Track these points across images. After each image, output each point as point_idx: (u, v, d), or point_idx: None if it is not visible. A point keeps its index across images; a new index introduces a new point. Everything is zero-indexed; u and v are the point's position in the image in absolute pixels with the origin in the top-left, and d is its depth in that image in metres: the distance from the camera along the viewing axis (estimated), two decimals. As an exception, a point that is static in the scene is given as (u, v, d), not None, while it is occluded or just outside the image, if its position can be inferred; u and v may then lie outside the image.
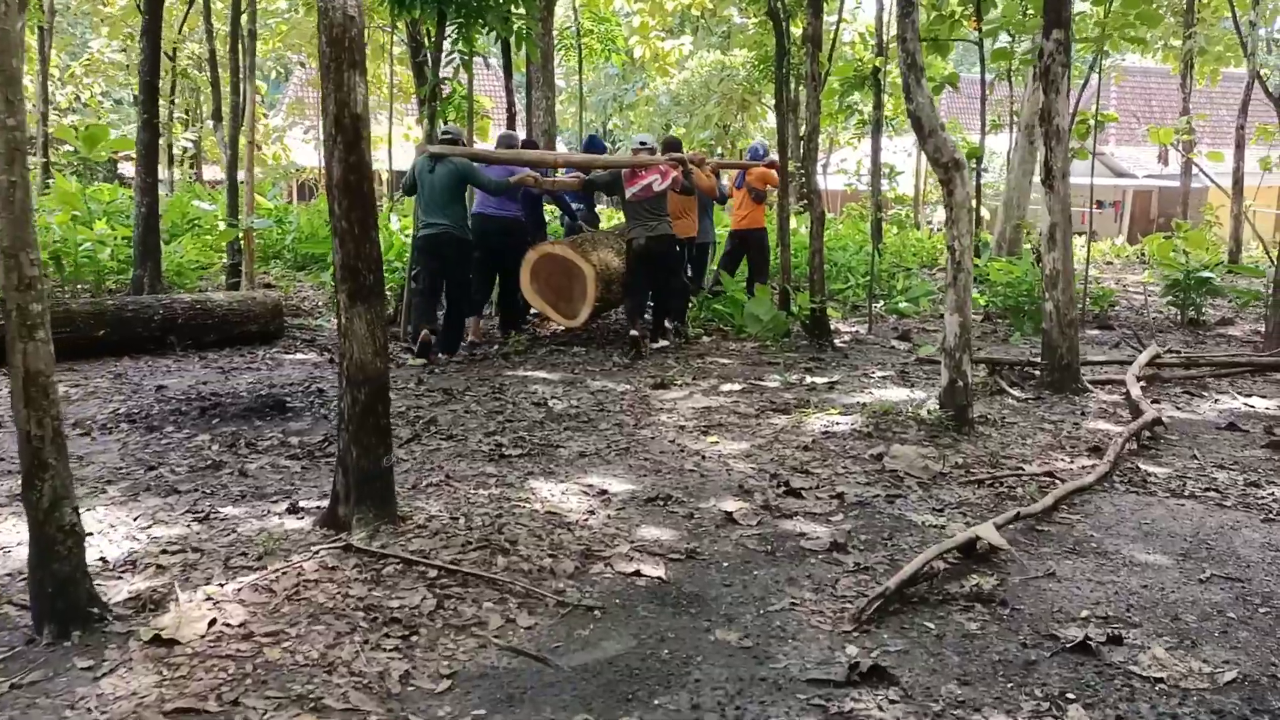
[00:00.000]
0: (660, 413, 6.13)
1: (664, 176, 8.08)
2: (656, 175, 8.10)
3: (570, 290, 8.27)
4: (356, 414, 3.76)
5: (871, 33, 20.31)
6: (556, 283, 8.30)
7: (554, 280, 8.30)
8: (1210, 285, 10.24)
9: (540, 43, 16.33)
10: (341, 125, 3.70)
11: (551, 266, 8.27)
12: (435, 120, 8.91)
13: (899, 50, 5.54)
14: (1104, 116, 12.14)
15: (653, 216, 8.17)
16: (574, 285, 8.25)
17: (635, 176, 8.16)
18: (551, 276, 8.30)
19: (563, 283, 8.29)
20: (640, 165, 8.20)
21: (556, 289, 8.31)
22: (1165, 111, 30.90)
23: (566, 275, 8.26)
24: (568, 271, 8.25)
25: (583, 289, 8.19)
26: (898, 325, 10.22)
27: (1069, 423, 6.02)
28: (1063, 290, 6.60)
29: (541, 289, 8.30)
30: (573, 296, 8.27)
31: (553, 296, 8.33)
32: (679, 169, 8.24)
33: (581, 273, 8.17)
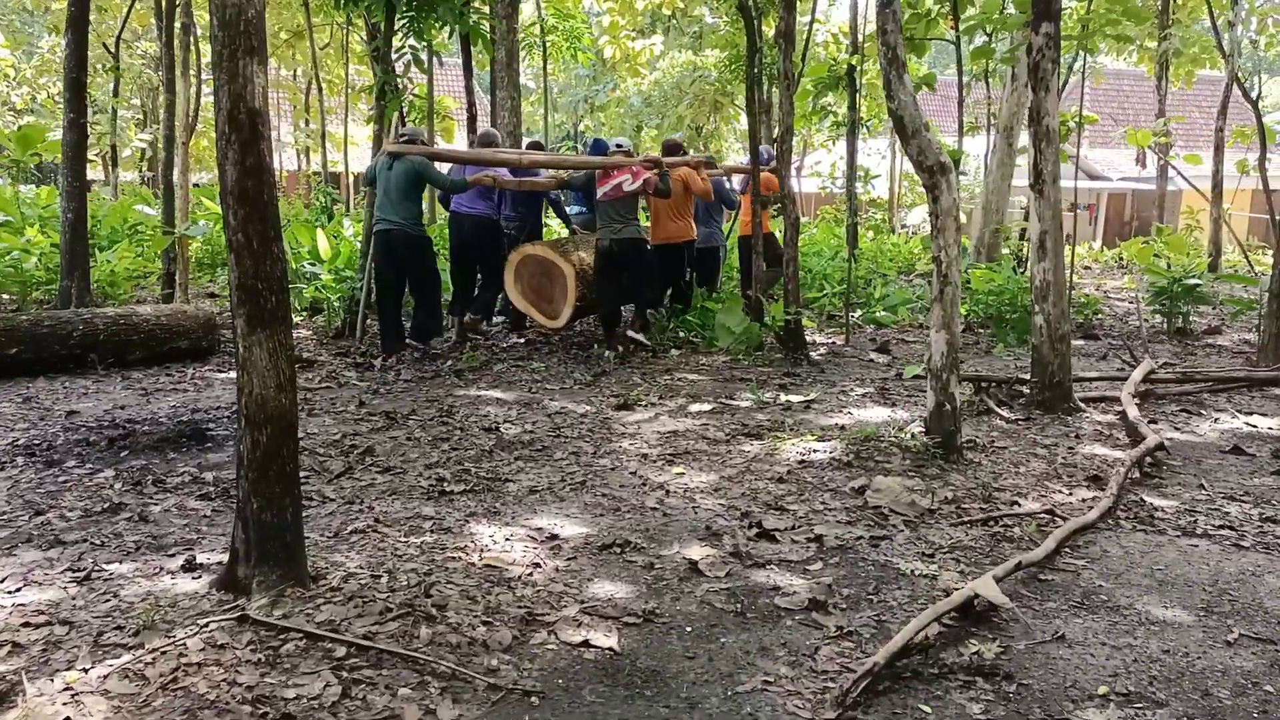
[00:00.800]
0: (622, 438, 5.62)
1: (635, 177, 7.88)
2: (627, 176, 7.91)
3: (551, 291, 8.21)
4: (257, 459, 3.22)
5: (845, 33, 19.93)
6: (538, 284, 8.24)
7: (535, 281, 8.24)
8: (1197, 293, 9.84)
9: (504, 41, 15.79)
10: (236, 122, 3.16)
11: (533, 268, 8.20)
12: (385, 119, 8.36)
13: (879, 44, 5.07)
14: (1085, 118, 11.78)
15: (619, 219, 7.98)
16: (554, 286, 8.18)
17: (606, 177, 8.00)
18: (533, 278, 8.24)
19: (544, 284, 8.22)
20: (611, 166, 8.01)
21: (538, 290, 8.25)
22: (1139, 114, 30.79)
23: (547, 276, 8.19)
24: (548, 272, 8.17)
25: (563, 289, 8.12)
26: (875, 336, 9.77)
27: (1063, 447, 5.56)
28: (1054, 303, 6.15)
29: (525, 290, 8.26)
30: (554, 297, 8.20)
31: (535, 297, 8.28)
32: (653, 170, 8.01)
33: (561, 273, 8.09)
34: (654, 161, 8.21)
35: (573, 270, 8.09)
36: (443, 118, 18.18)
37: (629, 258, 8.08)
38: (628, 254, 8.06)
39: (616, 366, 7.76)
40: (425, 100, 12.88)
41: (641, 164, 8.07)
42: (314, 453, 5.07)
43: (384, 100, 8.32)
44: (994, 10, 8.67)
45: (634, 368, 7.80)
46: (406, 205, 7.60)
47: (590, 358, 8.09)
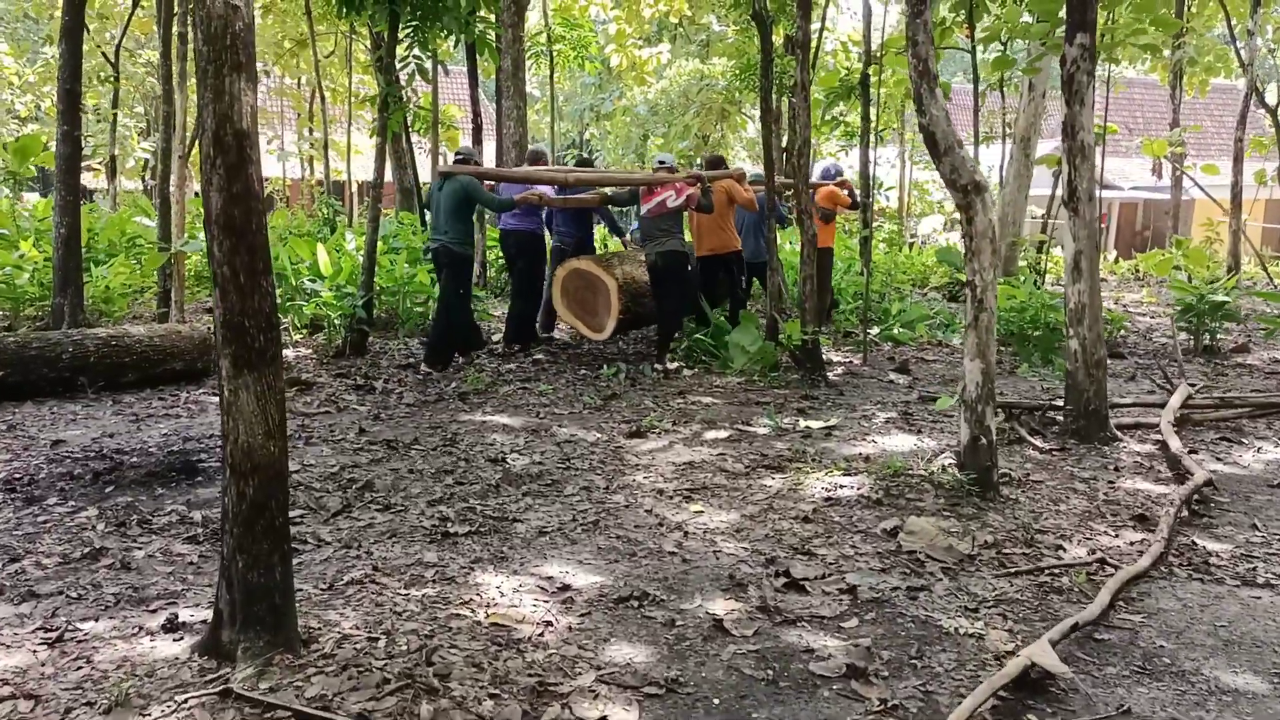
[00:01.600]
0: (636, 470, 5.33)
1: (678, 194, 8.08)
2: (671, 192, 8.13)
3: (595, 304, 8.46)
4: (243, 513, 2.94)
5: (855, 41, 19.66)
6: (583, 297, 8.51)
7: (581, 295, 8.51)
8: (1225, 310, 9.53)
9: (510, 50, 15.55)
10: (222, 144, 2.88)
11: (578, 281, 8.48)
12: (387, 131, 8.09)
13: (909, 56, 4.78)
14: (1107, 129, 11.48)
15: (663, 233, 8.18)
16: (598, 299, 8.44)
17: (650, 193, 8.22)
18: (579, 291, 8.51)
19: (588, 297, 8.49)
20: (655, 183, 8.21)
21: (583, 303, 8.53)
22: (1150, 122, 30.50)
23: (592, 290, 8.46)
24: (592, 286, 8.43)
25: (607, 302, 8.36)
26: (893, 354, 9.47)
27: (1103, 481, 5.26)
28: (1089, 326, 5.85)
29: (570, 304, 8.55)
30: (598, 310, 8.45)
31: (580, 310, 8.55)
32: (696, 186, 8.17)
33: (605, 286, 8.33)
34: (696, 177, 8.30)
35: (616, 284, 8.28)
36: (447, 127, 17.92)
37: (670, 271, 8.22)
38: (669, 268, 8.20)
39: (627, 389, 7.48)
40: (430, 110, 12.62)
41: (685, 180, 8.20)
42: (310, 488, 4.78)
43: (387, 111, 8.05)
44: (1013, 19, 8.38)
45: (645, 390, 7.51)
46: (455, 223, 7.87)
47: (600, 379, 7.80)
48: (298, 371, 7.54)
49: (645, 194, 8.23)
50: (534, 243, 8.86)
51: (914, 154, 27.75)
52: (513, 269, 8.88)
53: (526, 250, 8.79)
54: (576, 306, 8.52)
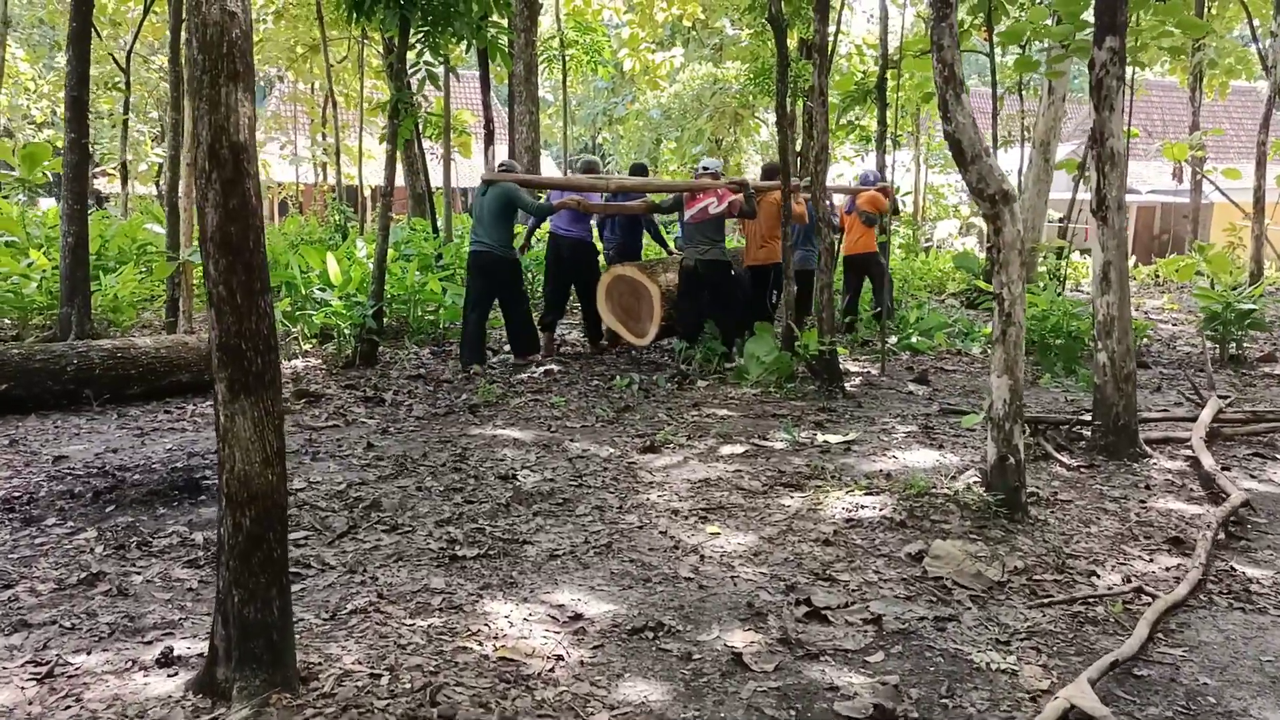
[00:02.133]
0: (650, 488, 5.17)
1: (721, 200, 8.25)
2: (713, 199, 8.31)
3: (638, 309, 8.67)
4: (239, 545, 2.80)
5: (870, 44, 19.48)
6: (626, 303, 8.74)
7: (625, 300, 8.75)
8: (1253, 319, 9.31)
9: (523, 55, 15.45)
10: (218, 158, 2.74)
11: (622, 287, 8.71)
12: (398, 138, 7.97)
13: (934, 61, 4.62)
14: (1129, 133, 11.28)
15: (705, 240, 8.37)
16: (641, 305, 8.65)
17: (693, 200, 8.40)
18: (623, 297, 8.75)
19: (631, 303, 8.71)
20: (698, 189, 8.36)
21: (627, 309, 8.75)
22: (1168, 125, 30.19)
23: (635, 295, 8.68)
24: (636, 292, 8.66)
25: (649, 308, 8.58)
26: (912, 364, 9.29)
27: (1134, 501, 5.08)
28: (1118, 340, 5.67)
29: (614, 309, 8.78)
30: (640, 315, 8.65)
31: (624, 315, 8.78)
32: (739, 193, 8.34)
33: (648, 292, 8.55)
34: (740, 184, 8.45)
35: (658, 291, 8.53)
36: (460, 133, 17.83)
37: (712, 278, 8.38)
38: (711, 275, 8.35)
39: (641, 400, 7.34)
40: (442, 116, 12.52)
41: (728, 187, 8.37)
42: (315, 507, 4.65)
43: (398, 118, 7.92)
44: (1038, 19, 8.20)
45: (659, 402, 7.36)
46: (497, 229, 8.16)
47: (613, 390, 7.66)
48: (306, 383, 7.42)
49: (689, 200, 8.42)
50: (587, 249, 9.11)
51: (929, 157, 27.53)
52: (560, 272, 9.02)
53: (580, 256, 8.99)
54: (620, 311, 8.75)
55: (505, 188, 8.14)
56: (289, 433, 6.02)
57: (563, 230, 8.89)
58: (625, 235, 9.56)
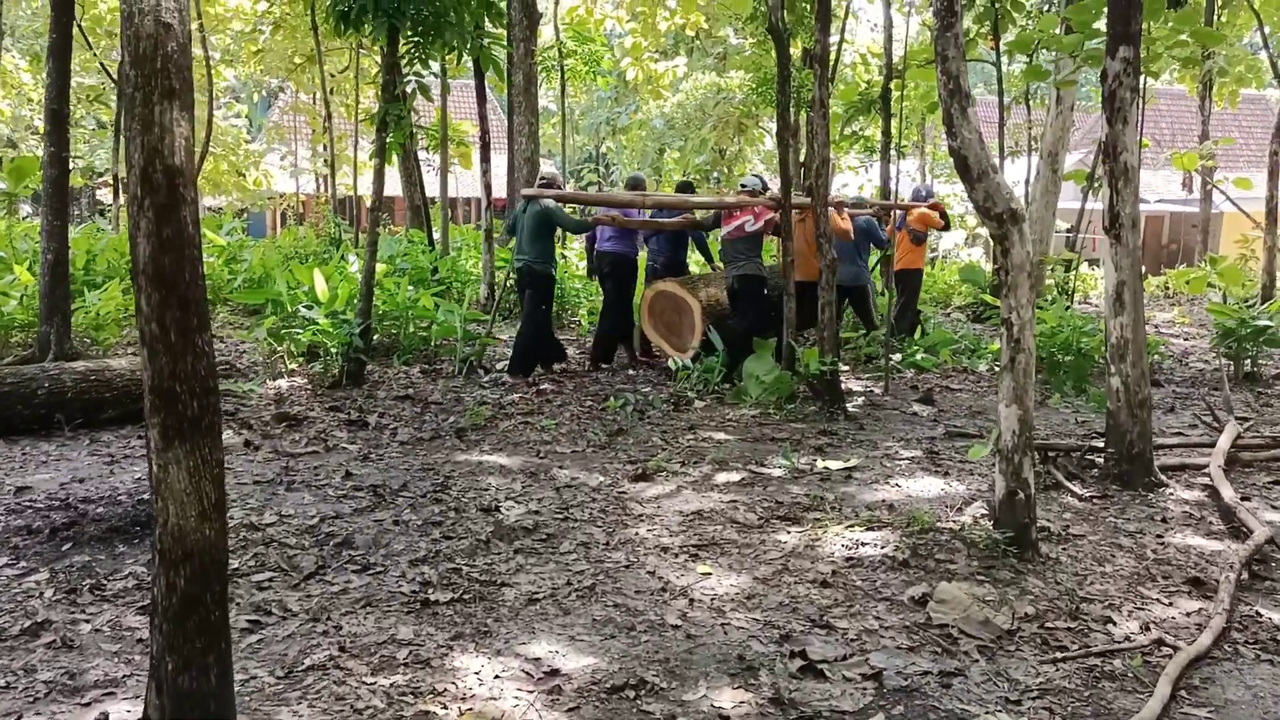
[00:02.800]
0: (639, 521, 4.92)
1: (757, 218, 8.31)
2: (749, 216, 8.41)
3: (680, 325, 8.79)
4: (174, 607, 2.55)
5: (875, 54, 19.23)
6: (669, 319, 8.86)
7: (667, 316, 8.86)
8: (1269, 336, 9.03)
9: (522, 65, 15.21)
10: (150, 182, 2.50)
11: (664, 303, 8.84)
12: (386, 151, 7.74)
13: (938, 73, 4.37)
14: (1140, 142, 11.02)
15: (742, 256, 8.45)
16: (683, 320, 8.76)
17: (730, 217, 8.53)
18: (665, 313, 8.86)
19: (674, 319, 8.83)
20: (736, 206, 8.46)
21: (669, 324, 8.86)
22: (1177, 134, 29.88)
23: (677, 311, 8.79)
24: (678, 307, 8.77)
25: (691, 323, 8.69)
26: (916, 382, 9.03)
27: (1150, 536, 4.81)
28: (1133, 364, 5.40)
29: (656, 324, 8.91)
30: (682, 331, 8.77)
31: (665, 331, 8.88)
32: (777, 211, 8.32)
33: (689, 307, 8.67)
34: (776, 202, 8.38)
35: (699, 306, 8.62)
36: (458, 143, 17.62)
37: (743, 294, 8.47)
38: (743, 290, 8.46)
39: (635, 423, 7.08)
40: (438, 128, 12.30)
41: (765, 204, 8.39)
42: (284, 544, 4.39)
43: (386, 131, 7.69)
44: (1049, 28, 7.95)
45: (654, 424, 7.11)
46: (537, 244, 8.40)
47: (606, 412, 7.41)
48: (289, 404, 7.18)
49: (727, 217, 8.55)
50: (628, 264, 9.26)
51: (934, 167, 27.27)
52: (603, 286, 9.31)
53: (620, 271, 9.17)
54: (663, 327, 8.89)
55: (545, 205, 8.36)
56: (266, 460, 5.78)
57: (607, 245, 9.15)
58: (670, 249, 9.66)
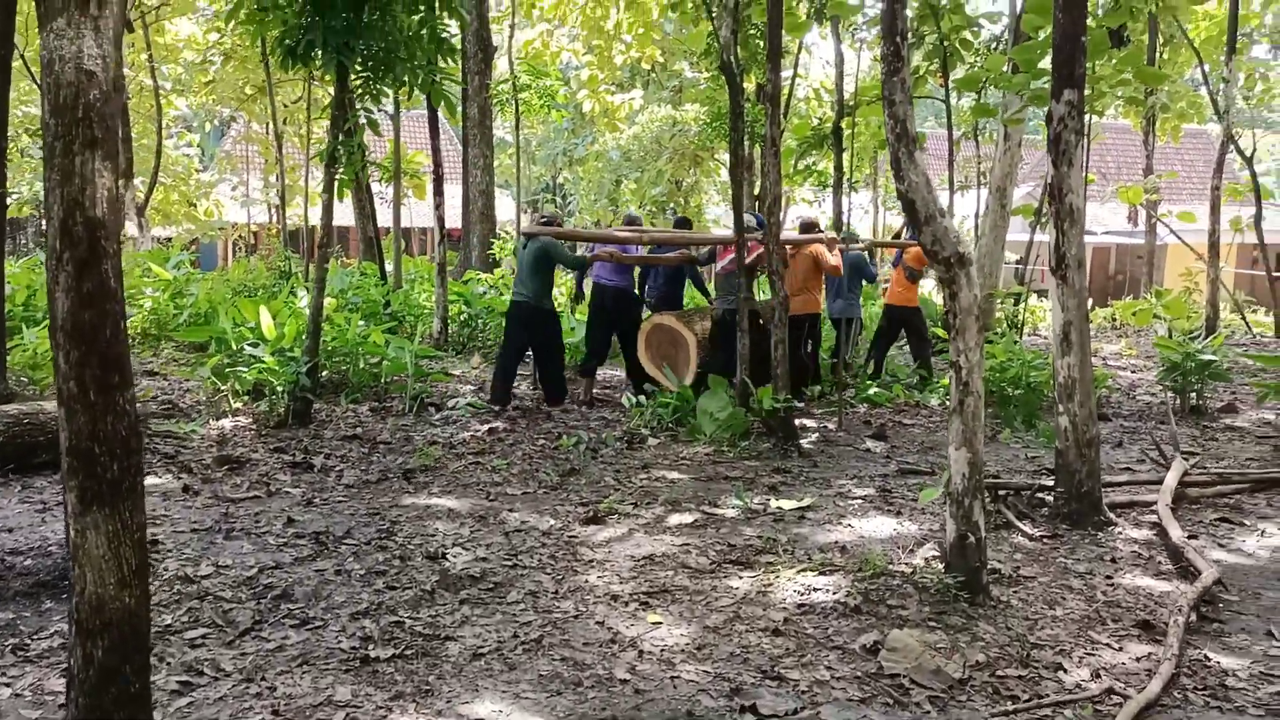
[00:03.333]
0: (590, 567, 4.83)
1: (750, 252, 8.43)
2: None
3: (676, 357, 9.05)
4: (90, 681, 2.43)
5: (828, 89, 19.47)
6: (665, 351, 9.12)
7: (664, 349, 9.13)
8: (1214, 370, 9.17)
9: (476, 98, 15.22)
10: (70, 235, 2.41)
11: (661, 336, 9.12)
12: (334, 186, 7.63)
13: (885, 116, 4.39)
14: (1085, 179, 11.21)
15: (735, 290, 8.46)
16: (679, 353, 9.03)
17: (726, 251, 8.85)
18: (661, 345, 9.13)
19: (670, 351, 9.09)
20: (729, 242, 8.58)
21: (665, 357, 9.12)
22: (1124, 168, 30.54)
23: (673, 344, 9.06)
24: (674, 340, 9.05)
25: (686, 356, 8.97)
26: (870, 417, 9.04)
27: (1100, 577, 4.81)
28: (1080, 403, 5.43)
29: (653, 356, 9.16)
30: (678, 363, 9.02)
31: (662, 363, 9.12)
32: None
33: (685, 340, 8.96)
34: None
35: (694, 339, 8.93)
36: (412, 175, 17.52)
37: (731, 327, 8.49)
38: (731, 323, 8.50)
39: (588, 462, 7.00)
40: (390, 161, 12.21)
41: (758, 240, 8.46)
42: (219, 598, 4.25)
43: (335, 167, 7.60)
44: (996, 68, 8.07)
45: (607, 463, 7.03)
46: (535, 280, 8.62)
47: (559, 451, 7.32)
48: (231, 446, 7.01)
49: (722, 252, 8.86)
50: (629, 298, 9.55)
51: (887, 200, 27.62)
52: (603, 320, 9.42)
53: (622, 305, 9.43)
54: (659, 359, 9.15)
55: (544, 242, 8.59)
56: (205, 506, 5.62)
57: (605, 280, 9.37)
58: (667, 285, 10.01)
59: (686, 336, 8.95)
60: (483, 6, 15.34)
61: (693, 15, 12.67)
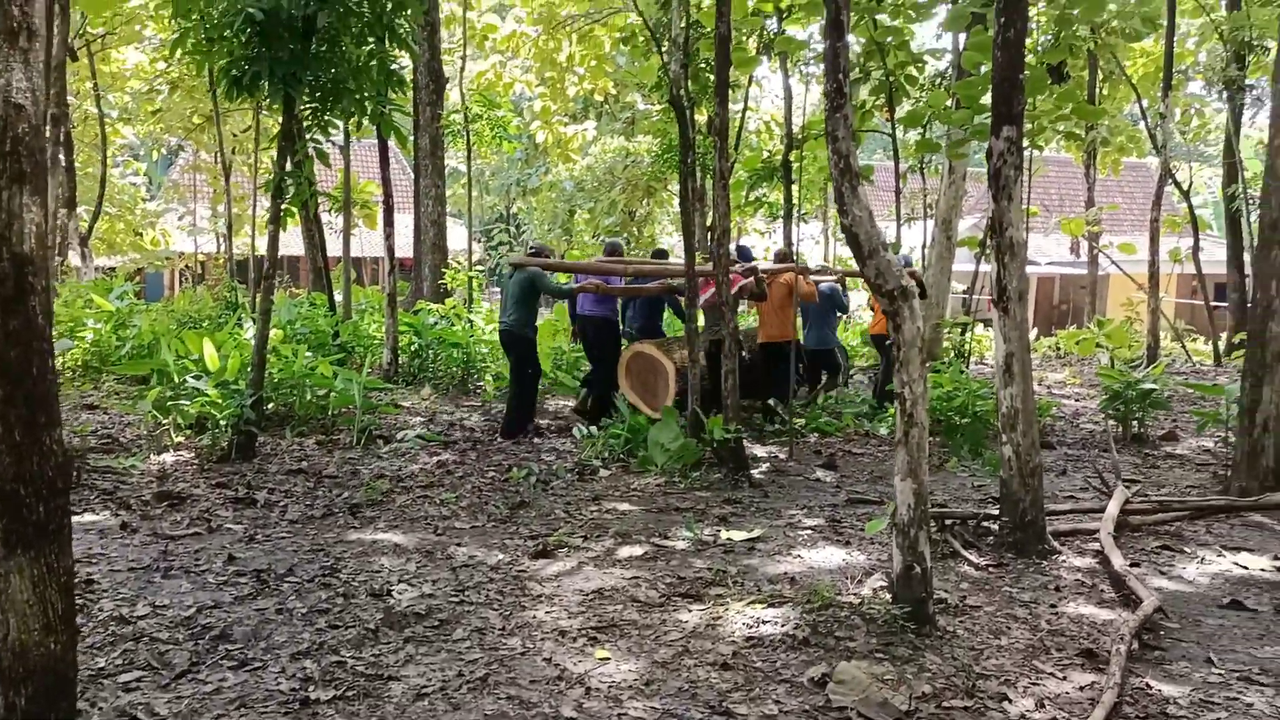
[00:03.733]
0: (538, 603, 4.78)
1: (733, 284, 8.56)
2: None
3: (655, 385, 9.25)
4: (12, 731, 2.35)
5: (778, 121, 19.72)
6: (645, 379, 9.32)
7: (644, 377, 9.33)
8: (1154, 399, 9.37)
9: (428, 129, 15.20)
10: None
11: (641, 364, 9.33)
12: (280, 218, 7.56)
13: (829, 152, 4.45)
14: (1028, 211, 11.45)
15: (718, 321, 8.72)
16: (658, 380, 9.24)
17: (708, 284, 9.01)
18: (642, 373, 9.34)
19: (650, 379, 9.30)
20: (709, 275, 8.65)
21: (645, 384, 9.31)
22: (1066, 200, 31.26)
23: (653, 372, 9.28)
24: (653, 369, 9.26)
25: (665, 383, 9.17)
26: (820, 446, 9.10)
27: (1044, 605, 4.86)
28: (1023, 433, 5.51)
29: (634, 384, 9.35)
30: (657, 390, 9.22)
31: (642, 390, 9.31)
32: (749, 277, 9.03)
33: (664, 369, 9.16)
34: (750, 270, 9.13)
35: (673, 367, 9.08)
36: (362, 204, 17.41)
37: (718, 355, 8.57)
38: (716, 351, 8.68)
39: (538, 494, 6.96)
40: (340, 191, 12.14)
41: (740, 272, 8.94)
42: (155, 639, 4.14)
43: (281, 198, 7.52)
44: (939, 103, 8.23)
45: (558, 495, 6.99)
46: (519, 309, 8.97)
47: (509, 483, 7.26)
48: (173, 481, 6.87)
49: (704, 284, 8.95)
50: (609, 327, 9.82)
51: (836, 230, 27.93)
52: (587, 349, 9.84)
53: (601, 334, 9.72)
54: (639, 386, 9.35)
55: (530, 272, 8.95)
56: (143, 544, 5.49)
57: (589, 310, 9.70)
58: (646, 315, 10.35)
59: (665, 364, 9.17)
60: (435, 38, 15.35)
61: (644, 49, 12.81)
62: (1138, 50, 20.78)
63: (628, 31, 14.09)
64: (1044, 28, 10.56)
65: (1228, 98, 18.58)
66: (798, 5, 10.05)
